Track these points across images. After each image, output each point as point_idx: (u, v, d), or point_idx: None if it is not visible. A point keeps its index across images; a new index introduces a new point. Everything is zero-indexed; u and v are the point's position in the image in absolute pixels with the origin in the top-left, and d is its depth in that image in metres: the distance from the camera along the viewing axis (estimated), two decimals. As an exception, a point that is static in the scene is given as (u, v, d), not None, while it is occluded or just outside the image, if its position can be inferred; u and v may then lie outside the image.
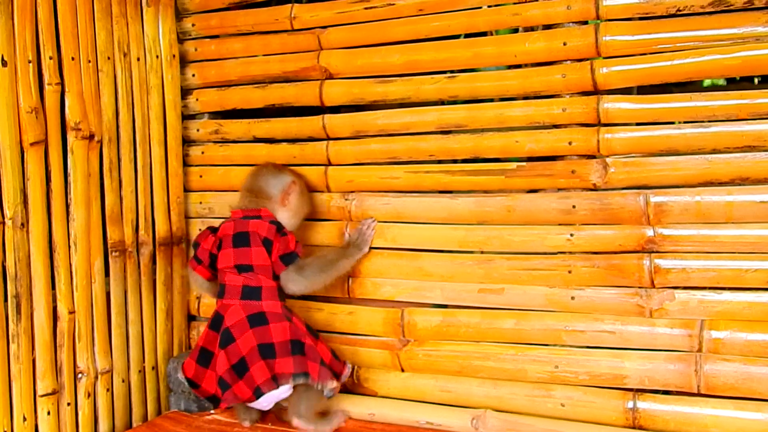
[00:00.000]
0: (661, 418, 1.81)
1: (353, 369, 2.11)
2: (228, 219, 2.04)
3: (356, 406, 2.05)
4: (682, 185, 1.82)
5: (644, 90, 1.97)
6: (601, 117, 1.88)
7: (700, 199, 1.79)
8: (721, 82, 5.01)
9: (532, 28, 1.99)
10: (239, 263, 1.95)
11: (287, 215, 2.06)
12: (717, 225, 1.79)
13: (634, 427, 1.83)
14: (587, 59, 1.89)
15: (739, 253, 1.77)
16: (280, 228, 1.99)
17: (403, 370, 2.11)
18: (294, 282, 1.96)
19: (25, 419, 1.83)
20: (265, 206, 2.03)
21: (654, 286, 1.85)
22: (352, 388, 2.13)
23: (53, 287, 1.93)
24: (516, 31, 2.04)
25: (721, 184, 1.79)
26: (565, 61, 1.92)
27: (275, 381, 1.84)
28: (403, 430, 1.96)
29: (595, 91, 1.90)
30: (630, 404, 1.84)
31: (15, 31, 1.82)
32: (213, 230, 2.04)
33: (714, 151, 1.79)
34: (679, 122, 1.83)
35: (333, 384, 1.89)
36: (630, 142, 1.87)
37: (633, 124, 1.87)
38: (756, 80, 4.39)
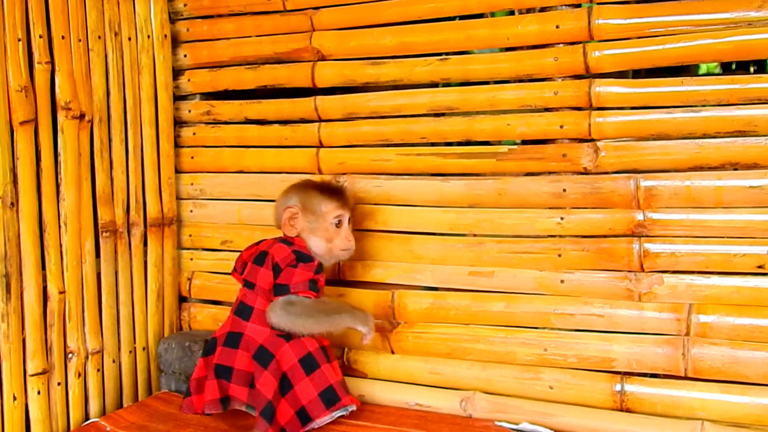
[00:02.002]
0: (648, 401, 1.82)
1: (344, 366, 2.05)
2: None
3: (346, 388, 2.06)
4: (672, 170, 1.83)
5: (638, 74, 1.97)
6: (593, 101, 1.88)
7: (690, 183, 1.80)
8: (717, 70, 5.01)
9: (528, 11, 1.99)
10: (247, 279, 1.92)
11: (312, 243, 1.94)
12: (706, 210, 1.80)
13: (621, 410, 1.84)
14: (580, 43, 1.89)
15: (727, 237, 1.78)
16: (301, 259, 1.89)
17: (392, 352, 2.11)
18: (275, 314, 1.83)
19: (15, 398, 1.84)
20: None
21: (643, 270, 1.85)
22: (342, 370, 2.12)
23: (43, 267, 1.92)
24: (512, 13, 2.03)
25: (711, 168, 1.79)
26: (558, 44, 1.92)
27: (223, 403, 1.85)
28: (393, 412, 1.97)
29: (587, 75, 1.90)
30: (618, 387, 1.85)
31: (4, 8, 1.81)
32: (258, 243, 1.99)
33: (704, 136, 1.79)
34: (671, 107, 1.83)
35: None
36: (621, 126, 1.87)
37: (624, 108, 1.87)
38: (752, 68, 4.39)
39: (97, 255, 2.09)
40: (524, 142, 2.02)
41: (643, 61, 1.85)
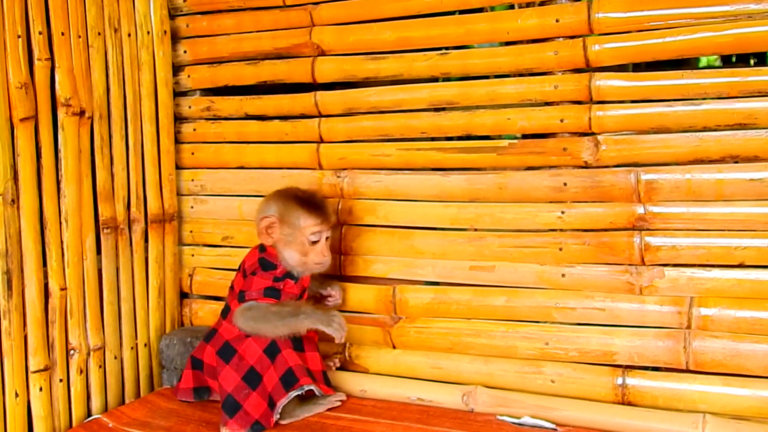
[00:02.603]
0: (649, 394, 1.82)
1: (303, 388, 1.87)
2: None
3: (348, 383, 2.06)
4: (672, 163, 1.83)
5: (638, 67, 1.97)
6: (593, 94, 1.88)
7: (691, 176, 1.80)
8: (717, 63, 5.01)
9: (528, 5, 1.99)
10: (231, 283, 2.01)
11: (287, 254, 1.94)
12: (707, 203, 1.80)
13: (623, 403, 1.84)
14: (580, 36, 1.89)
15: (728, 230, 1.78)
16: (263, 267, 1.93)
17: (394, 347, 2.11)
18: (236, 320, 1.89)
19: (17, 395, 1.84)
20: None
21: (644, 264, 1.86)
22: (343, 365, 2.13)
23: (44, 264, 1.92)
24: (512, 7, 2.03)
25: (711, 161, 1.79)
26: (558, 38, 1.92)
27: (197, 392, 2.02)
28: (394, 407, 1.97)
29: (587, 69, 1.90)
30: (619, 380, 1.85)
31: (4, 5, 1.80)
32: None
33: (705, 129, 1.79)
34: (671, 100, 1.83)
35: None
36: (621, 120, 1.87)
37: (624, 101, 1.87)
38: (752, 61, 4.39)
39: (98, 251, 2.08)
40: (525, 137, 2.02)
41: (643, 55, 1.85)
